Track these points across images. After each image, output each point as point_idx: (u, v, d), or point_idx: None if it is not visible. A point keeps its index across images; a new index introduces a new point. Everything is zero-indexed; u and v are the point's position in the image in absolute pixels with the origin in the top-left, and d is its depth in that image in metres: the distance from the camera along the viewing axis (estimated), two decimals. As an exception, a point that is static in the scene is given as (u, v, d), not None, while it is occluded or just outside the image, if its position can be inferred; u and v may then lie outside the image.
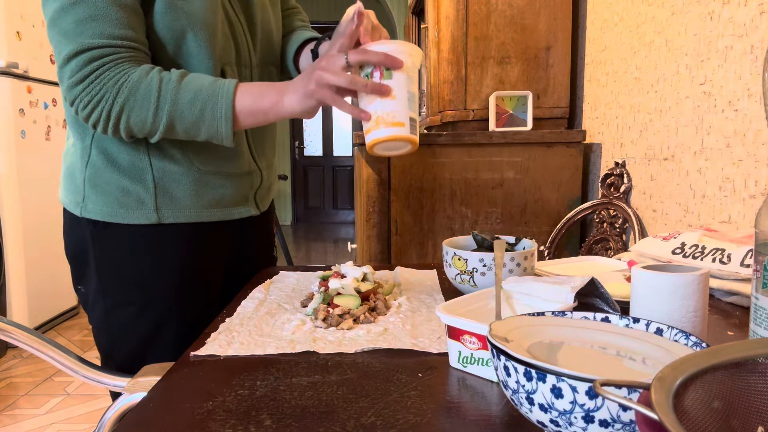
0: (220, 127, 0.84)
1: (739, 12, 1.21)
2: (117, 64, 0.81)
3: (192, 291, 0.97)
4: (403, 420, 0.52)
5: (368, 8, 0.91)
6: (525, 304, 0.72)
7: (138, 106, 0.82)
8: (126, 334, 0.94)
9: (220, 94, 0.83)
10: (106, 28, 0.79)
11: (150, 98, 0.81)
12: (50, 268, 3.26)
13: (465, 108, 1.98)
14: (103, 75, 0.80)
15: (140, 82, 0.81)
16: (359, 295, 0.83)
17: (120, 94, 0.81)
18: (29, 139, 3.14)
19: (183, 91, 0.83)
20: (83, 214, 0.93)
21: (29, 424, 2.20)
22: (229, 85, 0.84)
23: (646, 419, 0.33)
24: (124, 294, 0.93)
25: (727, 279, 0.88)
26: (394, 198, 1.85)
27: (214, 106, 0.83)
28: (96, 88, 0.80)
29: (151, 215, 0.92)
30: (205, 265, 1.00)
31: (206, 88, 0.83)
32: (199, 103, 0.83)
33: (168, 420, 0.54)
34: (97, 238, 0.93)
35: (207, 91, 0.83)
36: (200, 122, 0.84)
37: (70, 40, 0.79)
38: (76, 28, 0.78)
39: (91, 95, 0.80)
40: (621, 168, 1.76)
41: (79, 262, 0.97)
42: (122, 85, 0.81)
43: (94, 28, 0.79)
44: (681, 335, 0.51)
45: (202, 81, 0.84)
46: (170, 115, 0.83)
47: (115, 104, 0.81)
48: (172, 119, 0.83)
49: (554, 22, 1.96)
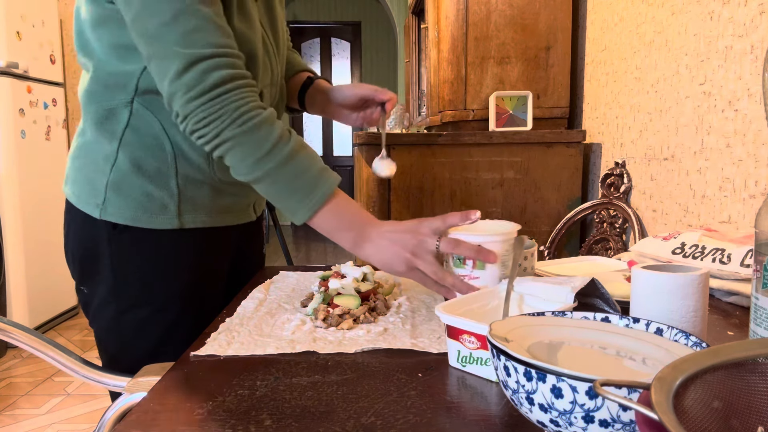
0: (299, 213, 0.83)
1: (739, 12, 1.21)
2: (239, 87, 0.79)
3: (202, 293, 0.98)
4: (403, 420, 0.52)
5: (368, 8, 0.92)
6: (525, 303, 0.72)
7: (246, 146, 0.80)
8: (137, 337, 0.94)
9: (317, 191, 0.82)
10: (217, 37, 0.78)
11: (262, 147, 0.80)
12: (50, 268, 3.26)
13: (465, 108, 1.98)
14: (225, 95, 0.78)
15: (263, 125, 0.80)
16: (359, 295, 0.83)
17: (238, 123, 0.79)
18: (29, 139, 3.14)
19: (293, 163, 0.81)
20: (102, 216, 0.92)
21: (29, 424, 2.20)
22: (330, 186, 0.83)
23: (646, 419, 0.33)
24: (138, 297, 0.93)
25: (727, 279, 0.88)
26: (394, 198, 1.85)
27: (307, 195, 0.82)
28: (216, 106, 0.78)
29: (174, 220, 0.92)
30: (214, 268, 1.01)
31: (313, 173, 0.82)
32: (298, 183, 0.82)
33: (168, 420, 0.54)
34: (114, 241, 0.92)
35: (312, 176, 0.82)
36: (287, 198, 0.83)
37: (180, 54, 0.77)
38: (185, 41, 0.77)
39: (209, 113, 0.78)
40: (621, 168, 1.76)
41: (87, 263, 0.96)
42: (244, 115, 0.79)
43: (204, 37, 0.77)
44: (681, 335, 0.51)
45: (314, 163, 0.83)
46: (267, 173, 0.81)
47: (228, 130, 0.79)
48: (265, 178, 0.82)
49: (554, 22, 1.96)
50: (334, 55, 7.63)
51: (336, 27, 7.51)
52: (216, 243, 0.99)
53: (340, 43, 7.59)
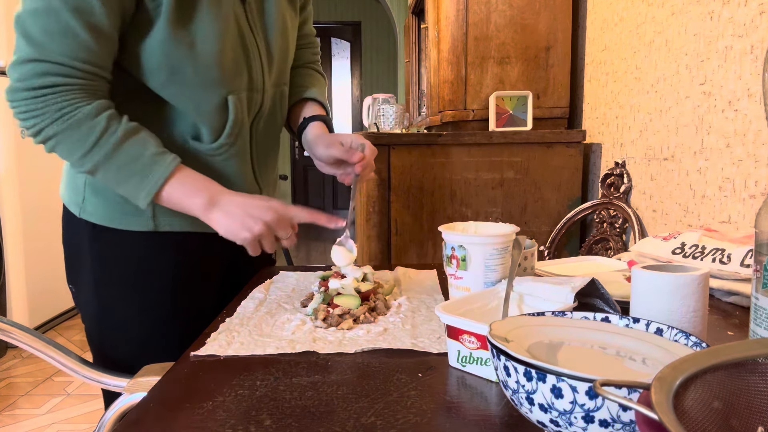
0: (139, 199, 0.85)
1: (739, 12, 1.21)
2: (69, 91, 0.80)
3: (187, 296, 0.97)
4: (403, 420, 0.52)
5: (368, 8, 0.91)
6: (525, 304, 0.72)
7: (71, 142, 0.81)
8: (118, 337, 0.94)
9: (154, 173, 0.83)
10: (72, 48, 0.78)
11: (86, 142, 0.81)
12: (50, 268, 3.26)
13: (465, 108, 1.98)
14: (50, 96, 0.79)
15: (85, 121, 0.80)
16: (359, 295, 0.83)
17: (59, 122, 0.80)
18: (29, 139, 3.13)
19: (121, 152, 0.82)
20: (82, 215, 0.93)
21: (29, 424, 2.20)
22: (166, 169, 0.84)
23: (646, 419, 0.33)
24: (118, 296, 0.94)
25: (727, 279, 0.88)
26: (394, 198, 1.85)
27: (143, 179, 0.83)
28: (39, 104, 0.79)
29: (148, 222, 0.92)
30: (200, 271, 1.00)
31: (145, 159, 0.83)
32: (130, 170, 0.83)
33: (168, 420, 0.54)
34: (94, 240, 0.93)
35: (144, 163, 0.83)
36: (123, 184, 0.85)
37: (33, 45, 0.77)
38: (41, 37, 0.77)
39: (30, 108, 0.79)
40: (621, 168, 1.76)
41: (73, 261, 0.98)
42: (65, 115, 0.80)
43: (60, 44, 0.77)
44: (681, 335, 0.51)
45: (145, 150, 0.84)
46: (97, 165, 0.82)
47: (49, 128, 0.80)
48: (97, 169, 0.83)
49: (554, 22, 1.96)
50: (334, 55, 7.63)
51: (336, 27, 7.51)
52: (201, 247, 0.98)
53: (340, 43, 7.59)
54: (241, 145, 0.96)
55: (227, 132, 0.92)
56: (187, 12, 0.84)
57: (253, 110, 0.97)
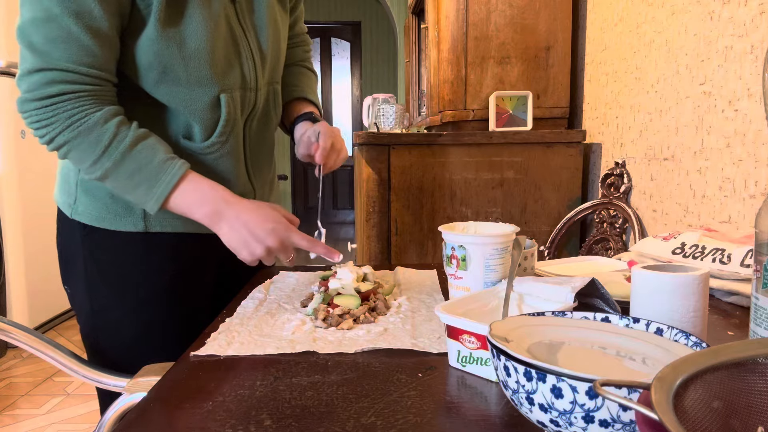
0: (148, 207, 0.85)
1: (739, 12, 1.21)
2: (79, 97, 0.80)
3: (180, 296, 0.97)
4: (403, 420, 0.52)
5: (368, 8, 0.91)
6: (525, 303, 0.72)
7: (82, 149, 0.82)
8: (112, 337, 0.94)
9: (161, 182, 0.84)
10: (76, 53, 0.79)
11: (96, 149, 0.81)
12: (50, 268, 3.25)
13: (465, 108, 1.98)
14: (60, 104, 0.80)
15: (95, 127, 0.81)
16: (359, 295, 0.83)
17: (69, 129, 0.80)
18: (29, 139, 3.14)
19: (129, 159, 0.83)
20: (74, 216, 0.93)
21: (29, 424, 2.20)
22: (173, 177, 0.84)
23: (646, 419, 0.33)
24: (111, 297, 0.94)
25: (727, 279, 0.88)
26: (394, 198, 1.85)
27: (150, 188, 0.84)
28: (49, 113, 0.80)
29: (139, 223, 0.92)
30: (193, 272, 0.99)
31: (153, 167, 0.84)
32: (138, 178, 0.84)
33: (168, 420, 0.54)
34: (86, 241, 0.94)
35: (151, 171, 0.84)
36: (132, 192, 0.85)
37: (37, 55, 0.78)
38: (44, 45, 0.78)
39: (41, 117, 0.80)
40: (621, 168, 1.76)
41: (67, 261, 0.98)
42: (75, 122, 0.80)
43: (64, 50, 0.78)
44: (681, 335, 0.51)
45: (153, 157, 0.84)
46: (106, 172, 0.83)
47: (61, 136, 0.81)
48: (106, 176, 0.84)
49: (554, 22, 1.96)
50: (334, 55, 7.62)
51: (336, 27, 7.51)
52: (194, 248, 0.98)
53: (340, 43, 7.59)
54: (234, 143, 0.96)
55: (219, 130, 0.92)
56: (176, 11, 0.84)
57: (246, 109, 0.97)
